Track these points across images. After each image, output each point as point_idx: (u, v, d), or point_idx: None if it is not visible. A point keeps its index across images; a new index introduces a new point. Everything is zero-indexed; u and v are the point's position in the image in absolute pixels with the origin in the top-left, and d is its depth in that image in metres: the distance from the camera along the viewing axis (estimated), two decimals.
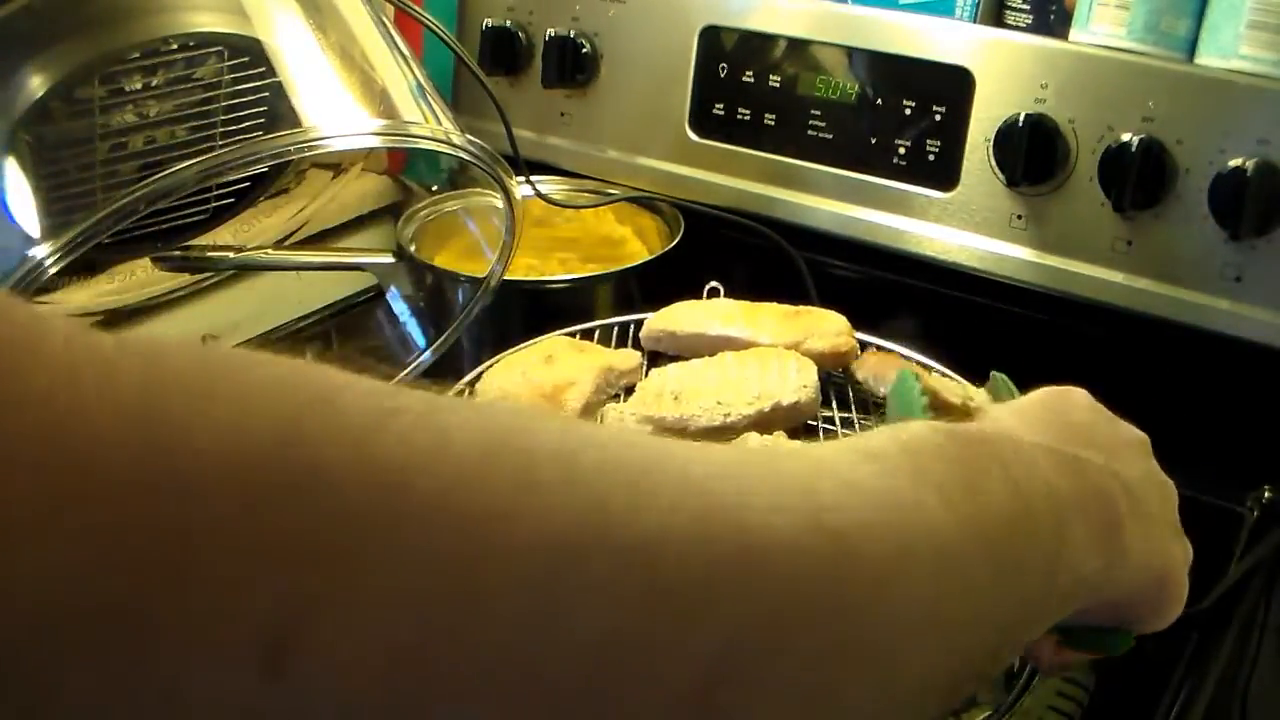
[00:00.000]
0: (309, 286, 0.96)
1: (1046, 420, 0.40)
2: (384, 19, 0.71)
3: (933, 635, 0.26)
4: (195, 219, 0.87)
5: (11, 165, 0.58)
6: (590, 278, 0.91)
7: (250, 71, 0.68)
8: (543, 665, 0.20)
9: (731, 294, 0.83)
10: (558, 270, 0.95)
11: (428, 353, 0.86)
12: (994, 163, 0.83)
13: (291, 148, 0.61)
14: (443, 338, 0.86)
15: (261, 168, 0.61)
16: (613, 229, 1.02)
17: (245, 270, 0.91)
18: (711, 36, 0.95)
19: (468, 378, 0.74)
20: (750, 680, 0.22)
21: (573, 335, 0.78)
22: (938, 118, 0.86)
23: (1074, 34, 0.83)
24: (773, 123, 0.93)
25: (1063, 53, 0.81)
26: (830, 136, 0.91)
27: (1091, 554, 0.33)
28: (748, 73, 0.93)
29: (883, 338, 0.84)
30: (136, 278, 0.87)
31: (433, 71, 0.74)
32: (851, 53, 0.89)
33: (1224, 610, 0.67)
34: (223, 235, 0.90)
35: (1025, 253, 0.84)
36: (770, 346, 0.78)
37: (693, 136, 0.97)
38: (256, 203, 0.93)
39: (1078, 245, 0.82)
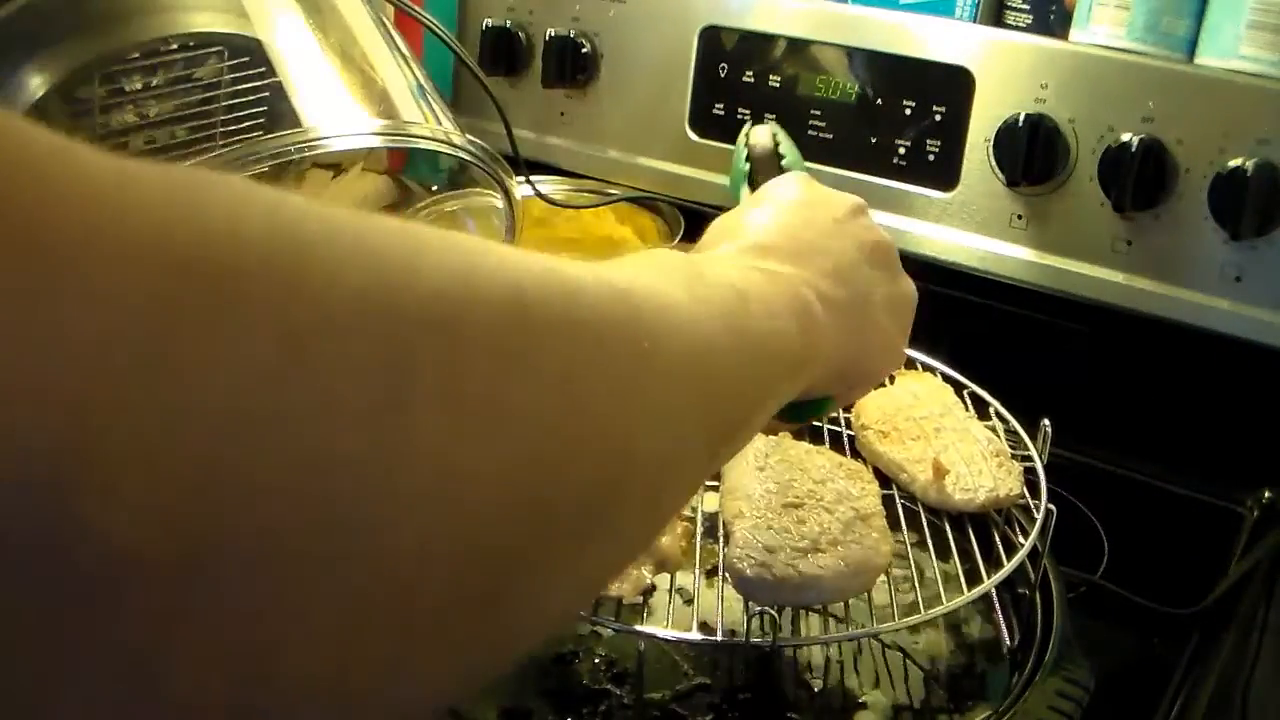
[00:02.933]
0: None
1: (784, 230, 0.47)
2: (384, 19, 0.71)
3: (693, 384, 0.32)
4: None
5: None
6: None
7: (250, 71, 0.68)
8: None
9: None
10: None
11: None
12: (994, 163, 0.83)
13: (291, 148, 0.61)
14: None
15: (261, 168, 0.61)
16: (613, 229, 1.02)
17: None
18: (711, 36, 0.95)
19: None
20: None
21: None
22: (938, 118, 0.86)
23: (1074, 34, 0.83)
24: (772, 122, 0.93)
25: (1063, 53, 0.81)
26: (830, 136, 0.91)
27: (800, 346, 0.41)
28: (748, 73, 0.93)
29: None
30: None
31: (433, 71, 0.74)
32: (851, 53, 0.89)
33: (1224, 610, 0.67)
34: None
35: (1025, 253, 0.84)
36: None
37: (693, 136, 0.97)
38: None
39: (1078, 245, 0.82)
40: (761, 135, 0.66)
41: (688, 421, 0.31)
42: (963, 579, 0.60)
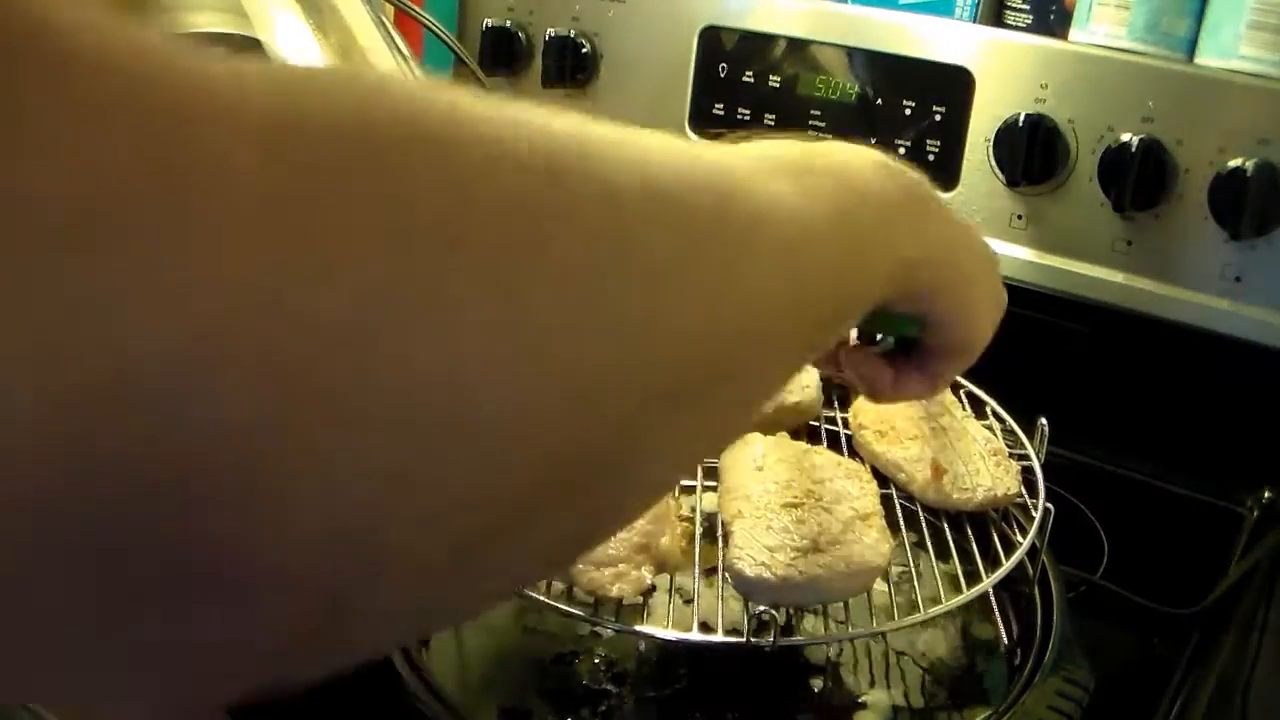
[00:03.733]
0: None
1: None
2: (384, 19, 0.71)
3: (790, 273, 0.32)
4: None
5: None
6: None
7: None
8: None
9: None
10: None
11: None
12: (994, 163, 0.83)
13: None
14: None
15: None
16: None
17: None
18: (711, 36, 0.95)
19: None
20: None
21: None
22: (938, 118, 0.86)
23: (1074, 34, 0.83)
24: (773, 123, 0.93)
25: (1063, 53, 0.81)
26: (830, 137, 0.91)
27: (910, 241, 0.40)
28: (748, 73, 0.93)
29: None
30: None
31: (433, 71, 0.74)
32: (851, 53, 0.89)
33: (1224, 610, 0.67)
34: None
35: (1025, 253, 0.84)
36: None
37: (693, 136, 0.97)
38: None
39: (1078, 245, 0.82)
40: None
41: (782, 310, 0.32)
42: (962, 578, 0.60)
